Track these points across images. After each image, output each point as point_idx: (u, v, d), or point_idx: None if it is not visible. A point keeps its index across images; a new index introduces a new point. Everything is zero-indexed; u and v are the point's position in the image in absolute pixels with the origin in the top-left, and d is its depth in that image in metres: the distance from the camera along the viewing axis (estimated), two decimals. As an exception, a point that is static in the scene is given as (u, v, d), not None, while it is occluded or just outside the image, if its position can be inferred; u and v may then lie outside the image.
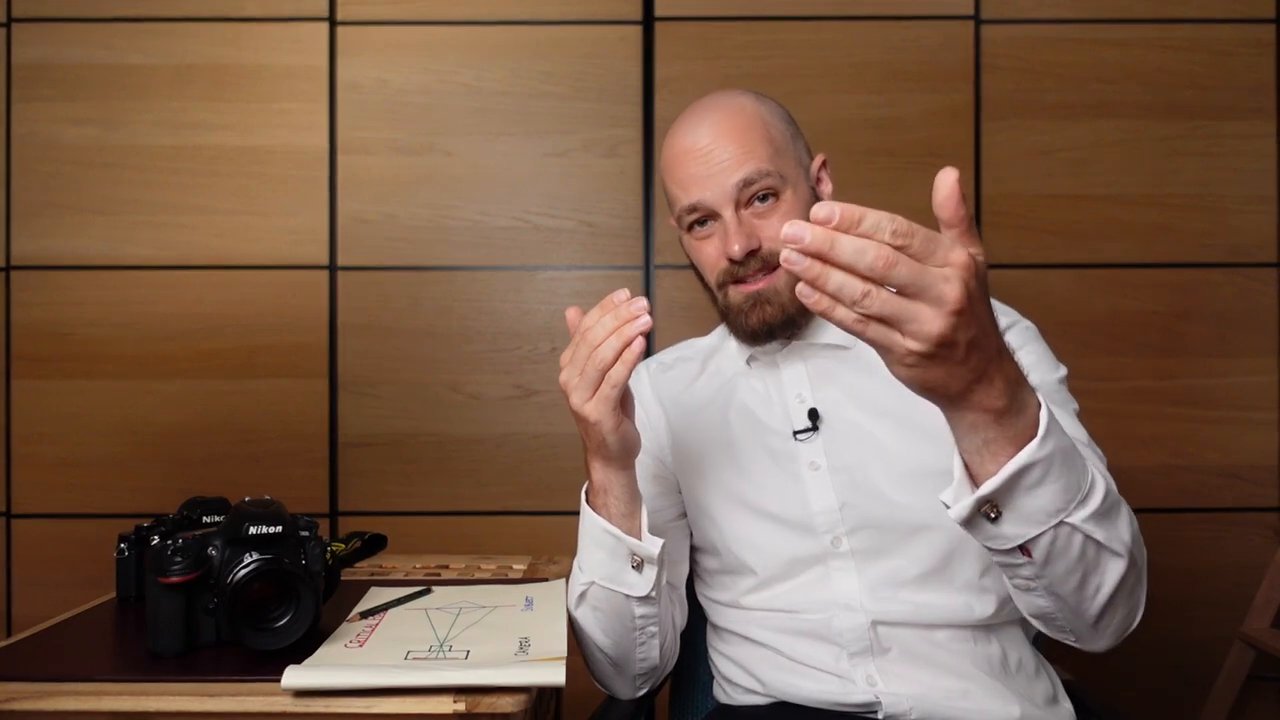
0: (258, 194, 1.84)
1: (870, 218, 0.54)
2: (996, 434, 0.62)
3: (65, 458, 1.83)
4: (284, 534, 0.84)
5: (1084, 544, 0.68)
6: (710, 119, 0.96)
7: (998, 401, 0.61)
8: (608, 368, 0.80)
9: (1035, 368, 0.93)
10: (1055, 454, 0.64)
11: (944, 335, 0.55)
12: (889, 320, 0.55)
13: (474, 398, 1.85)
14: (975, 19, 1.85)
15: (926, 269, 0.54)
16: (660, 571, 0.92)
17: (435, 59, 1.86)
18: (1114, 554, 0.71)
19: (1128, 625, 0.79)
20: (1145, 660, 1.83)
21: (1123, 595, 0.74)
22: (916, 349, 0.56)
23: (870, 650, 0.92)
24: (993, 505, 0.65)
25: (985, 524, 0.66)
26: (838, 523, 0.94)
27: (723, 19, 1.85)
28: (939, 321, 0.55)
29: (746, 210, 0.94)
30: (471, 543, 1.82)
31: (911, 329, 0.55)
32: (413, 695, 0.73)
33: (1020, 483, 0.63)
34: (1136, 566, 0.74)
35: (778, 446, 0.98)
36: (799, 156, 0.99)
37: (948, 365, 0.58)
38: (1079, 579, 0.71)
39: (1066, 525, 0.66)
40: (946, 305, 0.55)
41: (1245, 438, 1.84)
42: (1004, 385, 0.61)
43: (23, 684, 0.76)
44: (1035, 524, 0.65)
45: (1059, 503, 0.65)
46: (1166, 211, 1.85)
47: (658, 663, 1.00)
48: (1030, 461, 0.62)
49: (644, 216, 1.85)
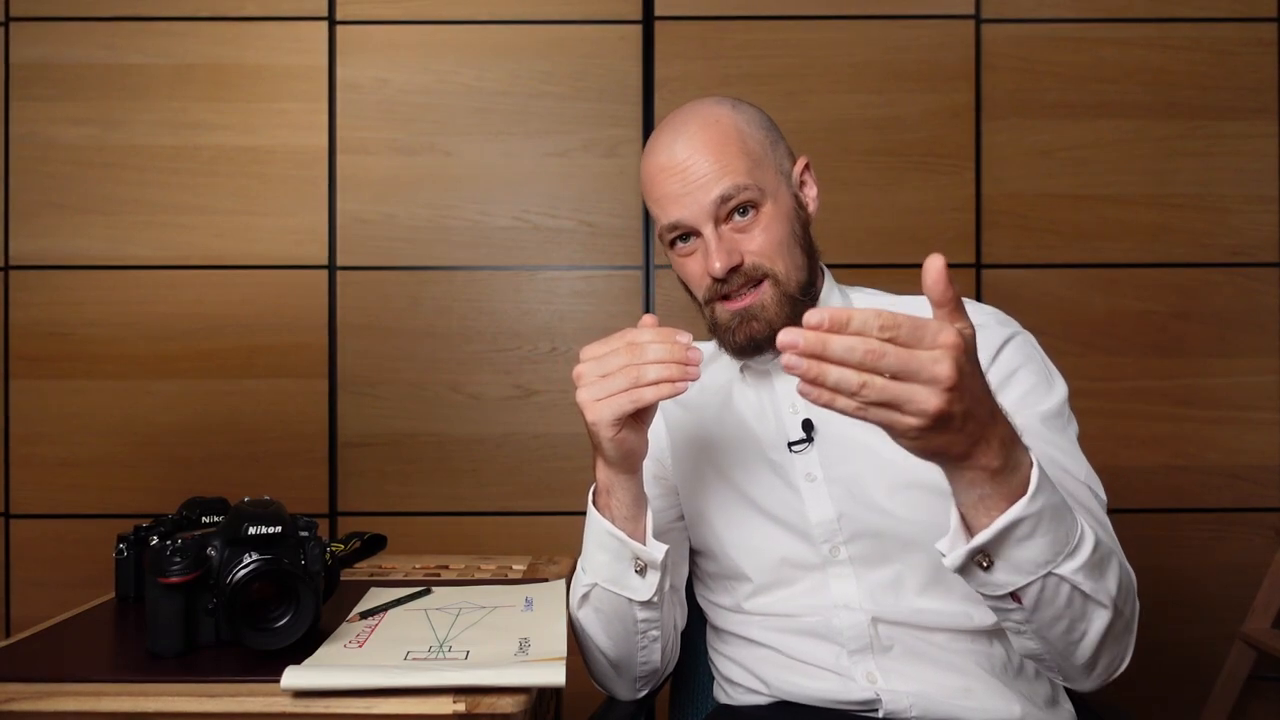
0: (258, 194, 1.84)
1: (857, 318, 0.60)
2: (991, 490, 0.67)
3: (65, 458, 1.83)
4: (284, 534, 0.84)
5: (1071, 593, 0.72)
6: (685, 133, 0.94)
7: (994, 461, 0.66)
8: (640, 385, 0.79)
9: (1030, 395, 0.91)
10: (1045, 510, 0.68)
11: (940, 411, 0.61)
12: (888, 405, 0.61)
13: (474, 398, 1.85)
14: (975, 19, 1.85)
15: (915, 354, 0.60)
16: (663, 577, 0.91)
17: (435, 59, 1.86)
18: (1099, 605, 0.74)
19: (1113, 670, 0.82)
20: (1145, 660, 1.82)
21: (1108, 643, 0.78)
22: (917, 424, 0.62)
23: (870, 648, 0.92)
24: (985, 555, 0.69)
25: (978, 572, 0.71)
26: (835, 533, 0.94)
27: (723, 19, 1.85)
28: (934, 399, 0.61)
29: (726, 225, 0.92)
30: (471, 543, 1.82)
31: (910, 408, 0.61)
32: (413, 695, 0.73)
33: (1011, 535, 0.68)
34: (1123, 617, 0.78)
35: (774, 457, 0.98)
36: (779, 164, 0.97)
37: (947, 434, 0.63)
38: (1066, 625, 0.75)
39: (1054, 576, 0.71)
40: (940, 384, 0.60)
41: (1245, 438, 1.84)
42: (999, 446, 0.66)
43: (23, 684, 0.76)
44: (1025, 573, 0.70)
45: (1047, 554, 0.70)
46: (1166, 211, 1.85)
47: (659, 665, 1.00)
48: (1021, 516, 0.67)
49: (644, 216, 1.85)
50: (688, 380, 0.79)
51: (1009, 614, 0.74)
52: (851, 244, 1.83)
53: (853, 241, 1.83)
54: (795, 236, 0.95)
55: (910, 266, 1.83)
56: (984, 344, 0.92)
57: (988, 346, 0.93)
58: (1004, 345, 0.94)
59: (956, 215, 1.84)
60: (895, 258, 1.84)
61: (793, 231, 0.94)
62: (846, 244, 1.83)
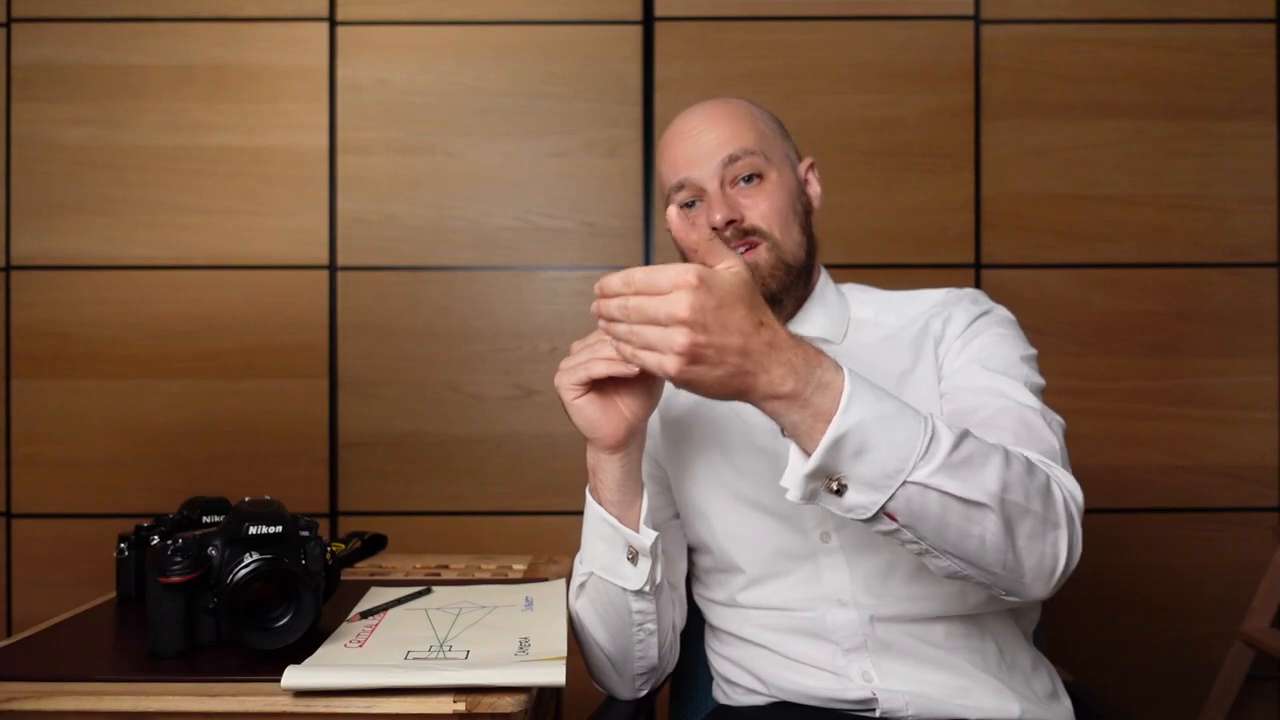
0: (258, 194, 1.85)
1: (609, 282, 0.70)
2: (800, 415, 0.69)
3: (65, 458, 1.83)
4: (284, 534, 0.84)
5: (942, 499, 0.70)
6: (702, 108, 1.01)
7: (783, 387, 0.68)
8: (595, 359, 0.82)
9: (997, 345, 0.94)
10: (867, 420, 0.68)
11: (686, 346, 0.65)
12: (650, 347, 0.67)
13: (474, 398, 1.85)
14: (975, 19, 1.85)
15: (652, 299, 0.67)
16: (654, 565, 0.91)
17: (435, 59, 1.86)
18: (980, 505, 0.71)
19: (1050, 566, 0.75)
20: (1145, 660, 1.84)
21: (1021, 539, 0.73)
22: (674, 363, 0.66)
23: (865, 646, 0.93)
24: (831, 479, 0.69)
25: (833, 498, 0.70)
26: (826, 517, 0.94)
27: (723, 19, 1.85)
28: (678, 336, 0.65)
29: (732, 189, 0.97)
30: (471, 543, 1.82)
31: (663, 348, 0.66)
32: (413, 695, 0.73)
33: (841, 453, 0.68)
34: (1031, 512, 0.73)
35: (764, 443, 0.98)
36: (786, 152, 1.02)
37: (707, 367, 0.67)
38: (957, 533, 0.71)
39: (913, 484, 0.69)
40: (677, 320, 0.65)
41: (1245, 438, 1.84)
42: (785, 371, 0.68)
43: (23, 684, 0.76)
44: (877, 489, 0.69)
45: (893, 463, 0.68)
46: (1166, 211, 1.85)
47: (656, 662, 1.00)
48: (840, 433, 0.67)
49: (644, 216, 1.85)
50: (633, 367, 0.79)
51: (897, 535, 0.72)
52: (851, 244, 1.83)
53: (853, 241, 1.83)
54: (796, 214, 0.99)
55: (910, 266, 1.84)
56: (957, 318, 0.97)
57: (960, 321, 0.97)
58: (977, 318, 0.98)
59: (956, 215, 1.84)
60: (895, 258, 1.84)
61: (795, 208, 0.99)
62: (846, 244, 1.83)
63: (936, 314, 0.99)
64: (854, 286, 1.08)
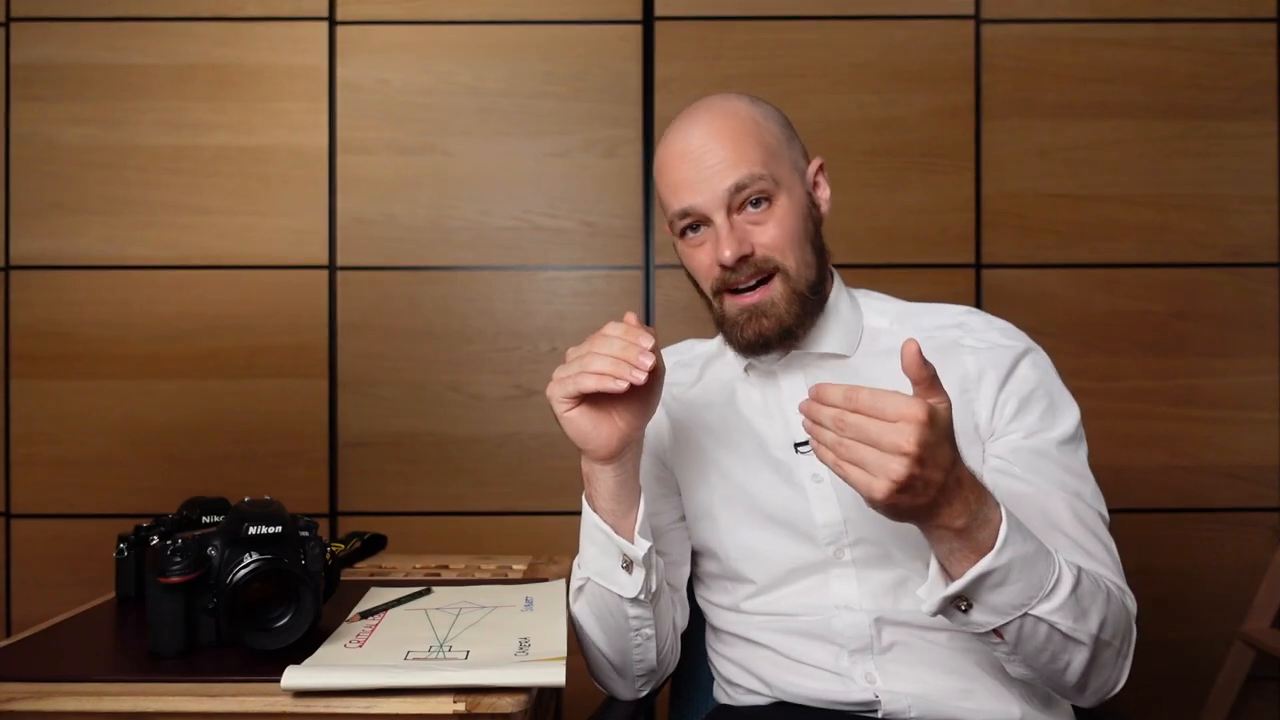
0: (258, 194, 1.85)
1: (829, 392, 0.72)
2: (959, 545, 0.74)
3: (65, 458, 1.83)
4: (283, 534, 0.85)
5: (1050, 631, 0.77)
6: (702, 121, 0.93)
7: (957, 521, 0.73)
8: (585, 373, 0.82)
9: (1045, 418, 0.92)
10: (1014, 561, 0.73)
11: (904, 477, 0.68)
12: (861, 464, 0.70)
13: (474, 398, 1.85)
14: (975, 19, 1.85)
15: (875, 422, 0.69)
16: (649, 575, 0.91)
17: (435, 59, 1.86)
18: (1078, 643, 0.78)
19: (1106, 691, 0.86)
20: (1145, 660, 1.82)
21: (1095, 670, 0.82)
22: (884, 487, 0.69)
23: (869, 648, 0.92)
24: (962, 599, 0.75)
25: (957, 613, 0.76)
26: (841, 535, 0.93)
27: (723, 19, 1.85)
28: (897, 466, 0.68)
29: (739, 215, 0.91)
30: (471, 543, 1.82)
31: (876, 471, 0.69)
32: (413, 695, 0.73)
33: (983, 584, 0.74)
34: (1110, 648, 0.82)
35: (779, 457, 0.97)
36: (794, 160, 0.96)
37: (911, 497, 0.70)
38: (1049, 656, 0.79)
39: (1031, 617, 0.76)
40: (902, 451, 0.68)
41: (1245, 438, 1.84)
42: (962, 508, 0.72)
43: (23, 684, 0.76)
44: (1001, 615, 0.75)
45: (1020, 599, 0.75)
46: (1166, 211, 1.85)
47: (655, 665, 0.99)
48: (989, 569, 0.73)
49: (644, 216, 1.85)
50: (624, 380, 0.80)
51: (995, 646, 0.79)
52: (851, 244, 1.83)
53: (853, 241, 1.83)
54: (807, 234, 0.94)
55: (910, 267, 1.83)
56: (998, 361, 0.93)
57: (1001, 363, 0.93)
58: (1018, 362, 0.94)
59: (956, 215, 1.84)
60: (895, 257, 1.84)
61: (805, 228, 0.94)
62: (846, 244, 1.83)
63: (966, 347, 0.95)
64: (869, 294, 1.04)
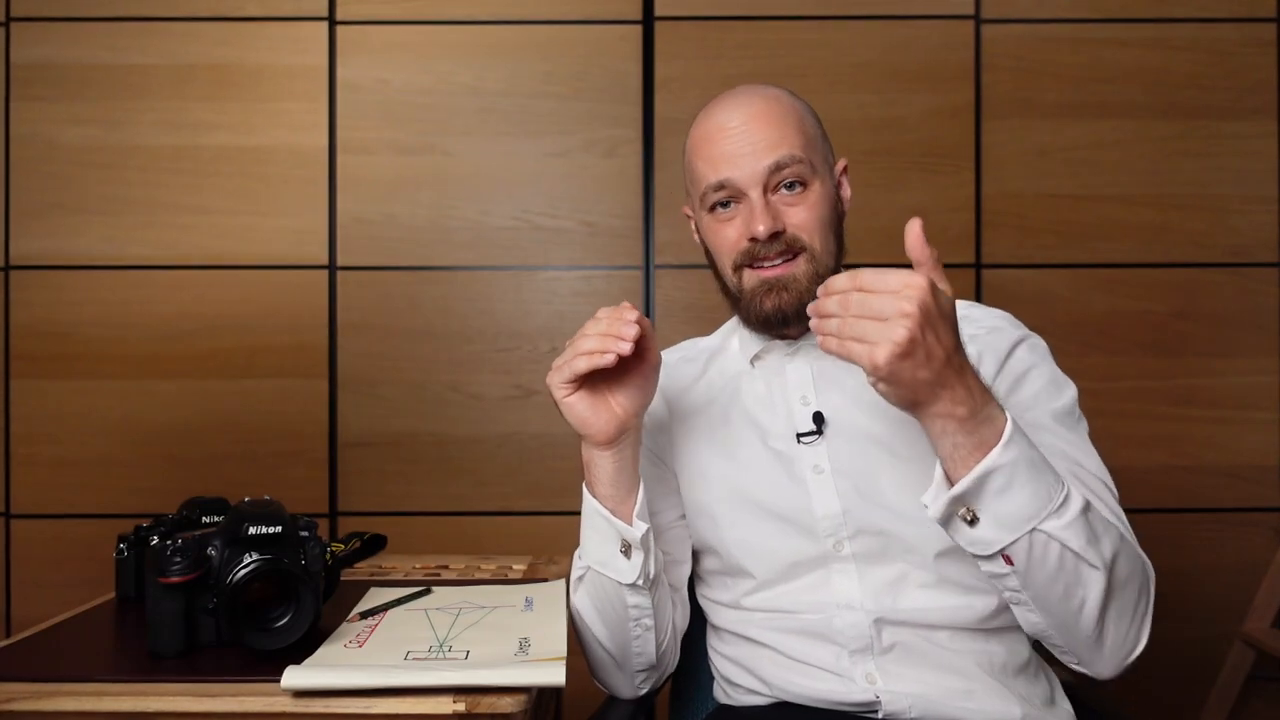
0: (258, 194, 1.84)
1: (836, 280, 0.74)
2: (963, 439, 0.73)
3: (65, 458, 1.83)
4: (283, 534, 0.85)
5: (1061, 553, 0.75)
6: (747, 101, 0.96)
7: (960, 408, 0.72)
8: (578, 354, 0.85)
9: (1043, 393, 0.93)
10: (1020, 461, 0.73)
11: (905, 339, 0.68)
12: (863, 338, 0.70)
13: (474, 398, 1.85)
14: (975, 19, 1.85)
15: (880, 295, 0.70)
16: (647, 558, 0.92)
17: (435, 59, 1.86)
18: (1091, 566, 0.76)
19: (1128, 649, 0.83)
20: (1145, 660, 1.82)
21: (1113, 613, 0.80)
22: (886, 352, 0.69)
23: (870, 649, 0.92)
24: (968, 509, 0.74)
25: (964, 527, 0.75)
26: (840, 527, 0.94)
27: (723, 19, 1.85)
28: (899, 327, 0.69)
29: (774, 195, 0.94)
30: (471, 543, 1.82)
31: (879, 337, 0.69)
32: (413, 695, 0.73)
33: (988, 485, 0.73)
34: (1126, 586, 0.80)
35: (780, 448, 0.98)
36: (826, 155, 1.00)
37: (913, 364, 0.70)
38: (1062, 589, 0.77)
39: (1041, 533, 0.74)
40: (904, 311, 0.69)
41: (1245, 438, 1.84)
42: (965, 393, 0.72)
43: (23, 684, 0.76)
44: (1009, 529, 0.74)
45: (1030, 509, 0.73)
46: (1166, 211, 1.85)
47: (654, 660, 0.99)
48: (995, 465, 0.72)
49: (644, 216, 1.85)
50: (611, 351, 0.83)
51: (1004, 579, 0.77)
52: (851, 244, 1.78)
53: (853, 241, 1.79)
54: (833, 224, 0.98)
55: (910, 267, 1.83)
56: (996, 345, 0.95)
57: (999, 347, 0.95)
58: (1016, 346, 0.96)
59: (956, 215, 1.84)
60: (895, 258, 1.82)
61: (832, 218, 0.98)
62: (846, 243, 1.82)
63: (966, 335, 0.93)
64: None
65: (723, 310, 1.06)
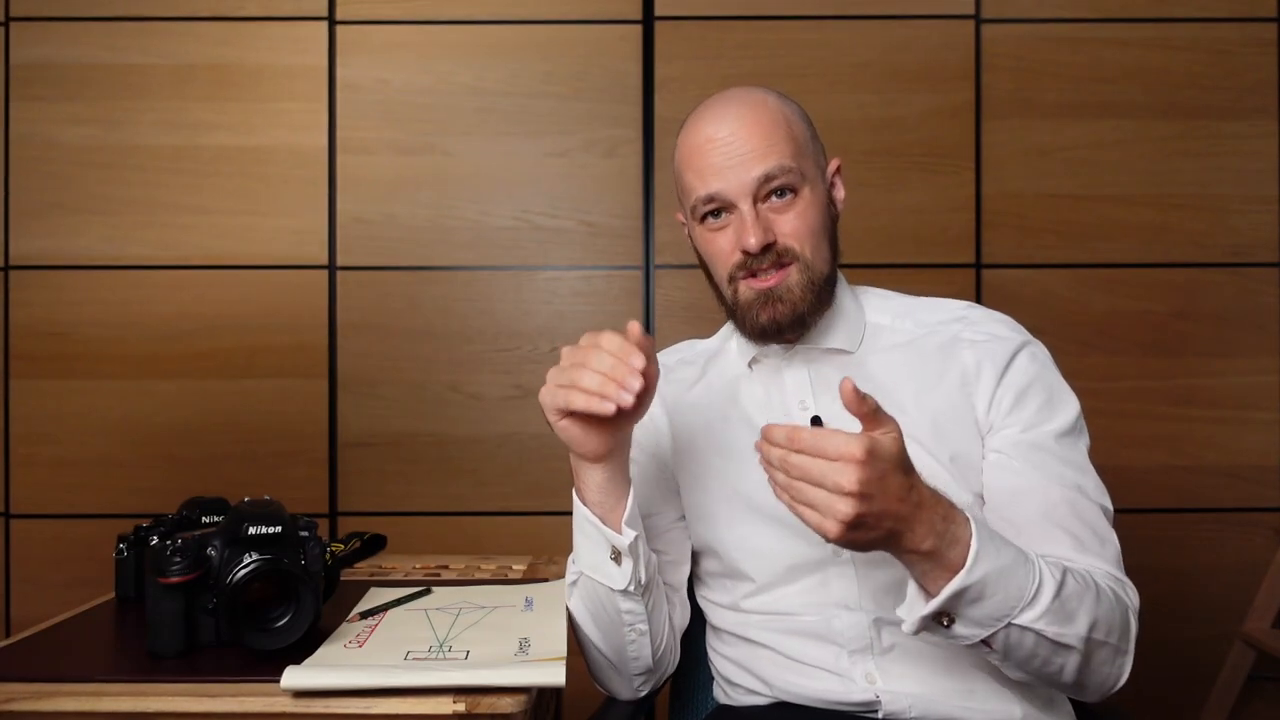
0: (258, 194, 1.84)
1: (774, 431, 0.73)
2: (931, 566, 0.75)
3: (65, 458, 1.83)
4: (283, 534, 0.84)
5: (1036, 639, 0.78)
6: (734, 111, 0.95)
7: (924, 544, 0.74)
8: (575, 389, 0.82)
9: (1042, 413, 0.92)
10: (989, 576, 0.74)
11: (850, 516, 0.70)
12: (811, 505, 0.71)
13: (474, 398, 1.85)
14: (975, 19, 1.85)
15: (816, 462, 0.70)
16: (637, 565, 0.91)
17: (435, 59, 1.86)
18: (1067, 648, 0.79)
19: (1109, 687, 0.86)
20: (1145, 660, 1.82)
21: (1092, 670, 0.82)
22: (834, 527, 0.70)
23: (869, 649, 0.92)
24: (943, 615, 0.76)
25: (940, 629, 0.77)
26: None
27: (723, 18, 1.85)
28: (842, 505, 0.70)
29: (764, 204, 0.93)
30: (471, 543, 1.82)
31: (825, 511, 0.70)
32: (413, 695, 0.73)
33: (960, 600, 0.75)
34: (1105, 647, 0.82)
35: None
36: (816, 157, 0.99)
37: (865, 532, 0.72)
38: (1041, 661, 0.80)
39: (1015, 626, 0.76)
40: (844, 491, 0.69)
41: (1245, 438, 1.84)
42: (926, 530, 0.73)
43: (22, 684, 0.76)
44: (983, 627, 0.76)
45: (1000, 611, 0.76)
46: (1166, 211, 1.85)
47: (651, 664, 0.99)
48: (963, 586, 0.74)
49: (644, 216, 1.85)
50: (611, 402, 0.80)
51: (987, 655, 0.80)
52: (851, 244, 1.81)
53: (853, 241, 1.82)
54: (825, 229, 0.97)
55: (910, 266, 1.83)
56: (995, 354, 0.94)
57: (999, 357, 0.94)
58: (1016, 354, 0.94)
59: (956, 215, 1.84)
60: (895, 257, 1.84)
61: (824, 223, 0.97)
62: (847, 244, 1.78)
63: (965, 340, 0.96)
64: (869, 290, 1.06)
65: (722, 311, 1.06)
